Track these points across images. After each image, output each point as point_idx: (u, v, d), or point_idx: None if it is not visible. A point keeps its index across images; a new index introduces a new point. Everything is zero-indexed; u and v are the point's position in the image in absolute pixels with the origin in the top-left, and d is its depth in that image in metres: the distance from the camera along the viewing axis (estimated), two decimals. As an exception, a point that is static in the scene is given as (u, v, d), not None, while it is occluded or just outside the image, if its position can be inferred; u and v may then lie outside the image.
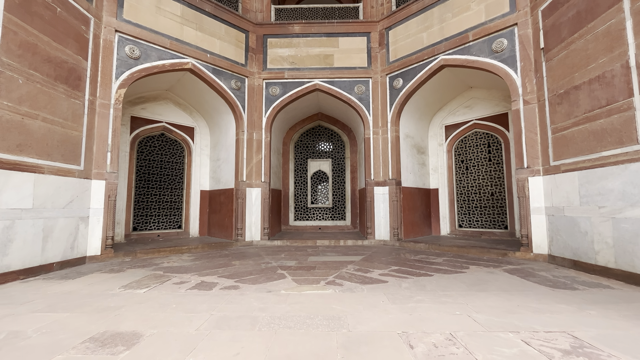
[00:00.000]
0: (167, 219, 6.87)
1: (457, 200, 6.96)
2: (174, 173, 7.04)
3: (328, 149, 8.62)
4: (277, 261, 4.45)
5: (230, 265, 4.14)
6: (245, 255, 5.05)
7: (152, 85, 6.25)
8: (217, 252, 5.39)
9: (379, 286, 3.05)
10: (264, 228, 6.39)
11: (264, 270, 3.82)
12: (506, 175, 6.22)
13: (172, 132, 6.96)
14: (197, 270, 3.82)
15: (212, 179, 7.21)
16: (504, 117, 6.27)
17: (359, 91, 6.64)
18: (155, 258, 4.76)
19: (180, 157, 7.17)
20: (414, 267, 3.98)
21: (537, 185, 4.39)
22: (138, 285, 3.12)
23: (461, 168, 6.96)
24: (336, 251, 5.33)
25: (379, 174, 6.44)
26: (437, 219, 7.10)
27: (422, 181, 7.02)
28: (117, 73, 4.89)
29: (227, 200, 6.53)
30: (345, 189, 8.41)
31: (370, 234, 6.32)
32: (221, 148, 6.97)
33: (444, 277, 3.40)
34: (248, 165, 6.46)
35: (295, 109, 7.44)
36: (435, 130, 7.28)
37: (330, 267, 3.98)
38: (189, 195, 7.13)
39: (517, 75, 4.73)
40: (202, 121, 7.37)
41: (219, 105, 6.58)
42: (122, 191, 6.15)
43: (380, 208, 6.35)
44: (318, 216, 8.39)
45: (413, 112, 6.67)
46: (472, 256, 4.75)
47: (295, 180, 8.50)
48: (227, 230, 6.42)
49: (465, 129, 6.84)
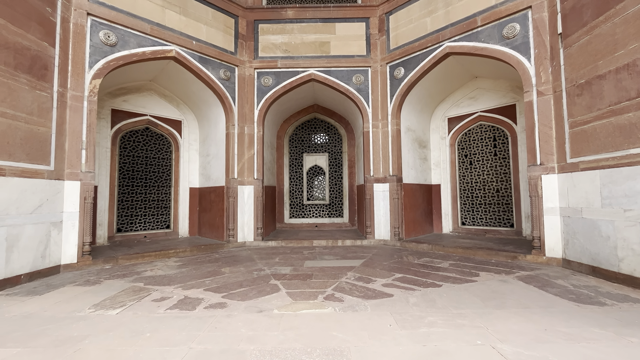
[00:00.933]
0: (155, 218, 6.48)
1: (460, 197, 6.65)
2: (160, 170, 6.61)
3: (324, 142, 8.21)
4: (271, 267, 4.11)
5: (219, 274, 3.78)
6: (236, 259, 4.70)
7: (134, 76, 5.76)
8: (207, 255, 5.03)
9: (384, 302, 2.72)
10: (257, 228, 6.03)
11: (255, 280, 3.47)
12: (513, 171, 5.89)
13: (158, 125, 6.49)
14: (181, 282, 3.46)
15: (202, 175, 6.79)
16: (512, 109, 5.91)
17: (357, 81, 6.21)
18: (138, 265, 4.38)
19: (167, 152, 6.72)
20: (419, 274, 3.66)
21: (551, 184, 4.06)
22: (112, 304, 2.75)
23: (465, 163, 6.62)
24: (334, 253, 5.01)
25: (378, 169, 6.07)
26: (439, 217, 6.79)
27: (424, 177, 6.68)
28: (90, 62, 4.40)
29: (218, 199, 6.14)
30: (342, 184, 8.06)
31: (370, 233, 5.99)
32: (211, 143, 6.53)
33: (454, 289, 3.08)
34: (239, 161, 6.05)
35: (290, 101, 7.00)
36: (437, 123, 6.91)
37: (328, 276, 3.65)
38: (177, 193, 6.72)
39: (531, 63, 4.34)
40: (190, 114, 6.90)
41: (207, 97, 6.12)
42: (104, 190, 5.72)
43: (380, 206, 6.01)
44: (314, 213, 8.05)
45: (415, 103, 6.27)
46: (480, 259, 4.46)
47: (291, 175, 8.11)
48: (218, 231, 6.05)
49: (469, 122, 6.48)
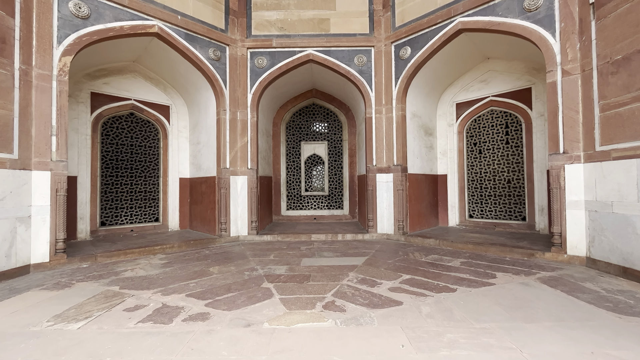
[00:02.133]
0: (142, 211, 6.07)
1: (467, 188, 6.25)
2: (147, 159, 6.16)
3: (323, 130, 7.75)
4: (265, 266, 3.73)
5: (207, 275, 3.40)
6: (228, 256, 4.32)
7: (114, 55, 5.24)
8: (196, 252, 4.64)
9: (392, 312, 2.34)
10: (252, 221, 5.64)
11: (246, 283, 3.09)
12: (526, 160, 5.48)
13: (144, 111, 6.01)
14: (163, 284, 3.08)
15: (193, 165, 6.36)
16: (527, 93, 5.44)
17: (359, 62, 5.71)
18: (119, 263, 4.00)
19: (155, 140, 6.26)
20: (429, 275, 3.29)
21: (575, 175, 3.65)
22: (76, 314, 2.37)
23: (473, 152, 6.19)
24: (334, 249, 4.63)
25: (382, 159, 5.64)
26: (444, 209, 6.41)
27: (430, 167, 6.26)
28: (59, 36, 3.90)
29: (209, 190, 5.72)
30: (342, 174, 7.64)
31: (372, 227, 5.61)
32: (201, 130, 6.07)
33: (471, 294, 2.70)
34: (232, 149, 5.61)
35: (286, 84, 6.50)
36: (444, 108, 6.44)
37: (328, 277, 3.27)
38: (166, 184, 6.29)
39: (555, 39, 3.86)
40: (178, 99, 6.41)
41: (196, 79, 5.62)
42: (85, 181, 5.28)
43: (383, 198, 5.61)
44: (313, 205, 7.65)
45: (422, 87, 5.79)
46: (493, 256, 4.09)
47: (287, 165, 7.68)
48: (210, 224, 5.66)
49: (479, 107, 6.01)
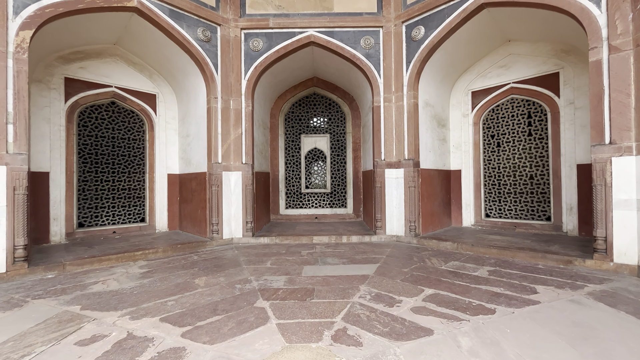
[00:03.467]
0: (126, 210, 5.50)
1: (484, 185, 5.70)
2: (132, 153, 5.58)
3: (325, 122, 7.17)
4: (260, 277, 3.18)
5: (190, 289, 2.85)
6: (218, 263, 3.77)
7: (90, 35, 4.64)
8: (183, 257, 4.09)
9: (422, 346, 1.80)
10: (247, 222, 5.08)
11: (237, 301, 2.55)
12: (552, 154, 4.92)
13: (127, 100, 5.42)
14: (135, 303, 2.53)
15: (182, 160, 5.78)
16: (553, 78, 4.87)
17: (366, 45, 5.12)
18: (91, 272, 3.44)
19: (140, 132, 5.68)
20: (456, 288, 2.75)
21: (625, 169, 3.11)
22: (12, 350, 1.82)
23: (491, 145, 5.63)
24: (339, 255, 4.09)
25: (391, 152, 5.08)
26: (458, 207, 5.87)
27: (443, 161, 5.71)
28: (16, 5, 3.31)
29: (199, 188, 5.16)
30: (346, 170, 7.08)
31: (380, 228, 5.07)
32: (191, 121, 5.49)
33: (515, 318, 2.16)
34: (224, 142, 5.03)
35: (284, 71, 5.91)
36: (458, 97, 5.87)
37: (335, 291, 2.73)
38: (153, 180, 5.72)
39: (601, 10, 3.29)
40: (166, 87, 5.81)
41: (184, 63, 5.03)
42: (58, 177, 4.71)
43: (392, 196, 5.06)
44: (314, 203, 7.10)
45: (435, 72, 5.22)
46: (523, 263, 3.55)
47: (287, 160, 7.11)
48: (201, 225, 5.10)
49: (498, 95, 5.44)
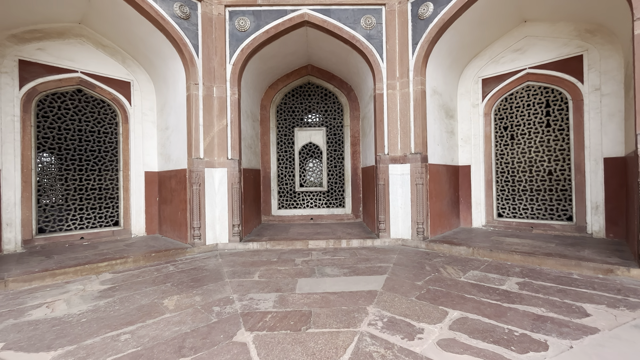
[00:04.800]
0: (96, 213, 4.86)
1: (496, 181, 5.20)
2: (103, 148, 4.94)
3: (321, 114, 6.58)
4: (245, 295, 2.61)
5: (156, 314, 2.27)
6: (197, 276, 3.18)
7: (47, 10, 3.98)
8: (157, 269, 3.49)
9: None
10: (233, 225, 4.49)
11: (211, 332, 1.97)
12: (575, 146, 4.43)
13: (96, 87, 4.77)
14: (78, 337, 1.94)
15: (161, 155, 5.16)
16: (576, 62, 4.37)
17: (367, 25, 4.55)
18: (39, 290, 2.83)
19: (112, 124, 5.03)
20: (486, 309, 2.21)
21: (682, 161, 2.60)
22: None
23: (504, 137, 5.12)
24: (339, 263, 3.53)
25: (395, 146, 4.54)
26: (467, 206, 5.35)
27: (451, 156, 5.18)
28: (-64, -39, 2.66)
29: (179, 187, 4.55)
30: (344, 166, 6.52)
31: (384, 230, 4.53)
32: (170, 111, 4.86)
33: (576, 356, 1.63)
34: (207, 134, 4.43)
35: (275, 56, 5.31)
36: (467, 85, 5.34)
37: (337, 316, 2.17)
38: (127, 179, 5.08)
39: (650, -28, 2.78)
40: (142, 74, 5.17)
41: (160, 45, 4.40)
42: (12, 176, 4.05)
43: (397, 194, 4.52)
44: (309, 203, 6.53)
45: (444, 56, 4.68)
46: (554, 272, 3.04)
47: (279, 156, 6.52)
48: (181, 229, 4.50)
49: (512, 83, 4.93)
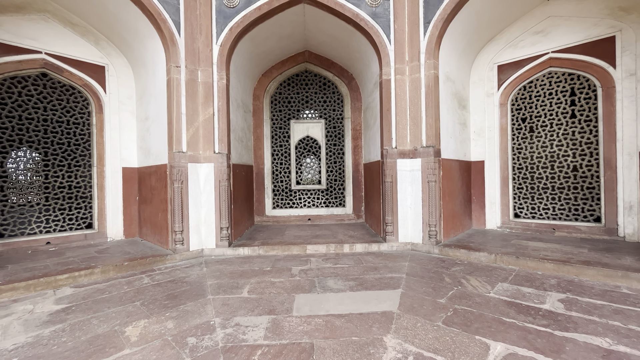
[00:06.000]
0: (66, 214, 4.30)
1: (513, 178, 4.73)
2: (73, 141, 4.36)
3: (319, 105, 6.04)
4: (230, 318, 2.10)
5: (111, 349, 1.74)
6: (174, 291, 2.66)
7: (0, -23, 3.40)
8: (128, 281, 2.96)
9: None
10: (221, 228, 3.96)
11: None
12: (604, 139, 3.97)
13: (64, 72, 4.19)
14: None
15: (141, 149, 4.60)
16: (607, 44, 3.89)
17: (372, 2, 4.03)
18: (-27, 313, 2.29)
19: (84, 114, 4.45)
20: (536, 340, 1.73)
21: None
22: None
23: (522, 130, 4.65)
24: (343, 273, 3.03)
25: (404, 138, 4.03)
26: (481, 206, 4.88)
27: (463, 150, 4.70)
28: None
29: (160, 184, 4.00)
30: (344, 162, 6.00)
31: (391, 233, 4.03)
32: (149, 99, 4.30)
33: None
34: (190, 125, 3.88)
35: (269, 38, 4.77)
36: (481, 73, 4.85)
37: (346, 351, 1.68)
38: (102, 175, 4.52)
39: None
40: (118, 57, 4.59)
41: (136, 21, 3.83)
42: (-40, 172, 3.49)
43: (406, 193, 4.02)
44: (307, 202, 6.01)
45: (458, 39, 4.18)
46: (598, 285, 2.58)
47: (273, 150, 5.98)
48: (162, 233, 3.96)
49: (532, 69, 4.45)
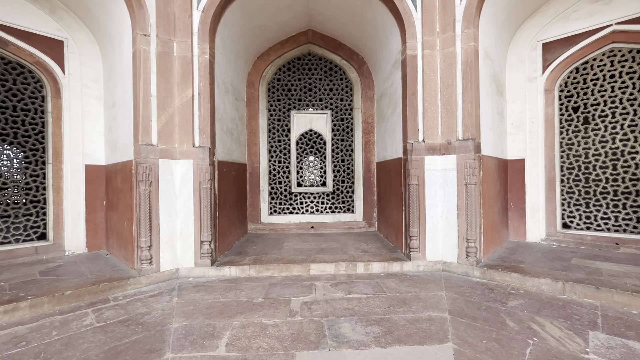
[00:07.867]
0: (11, 223, 3.46)
1: (561, 181, 3.89)
2: (21, 132, 3.54)
3: (325, 93, 5.19)
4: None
5: None
6: (119, 344, 1.83)
7: None
8: (64, 320, 2.12)
9: None
10: (202, 242, 3.12)
11: None
12: (688, 132, 3.14)
13: (9, 45, 3.36)
14: None
15: (109, 143, 3.77)
16: (693, 10, 3.07)
17: (394, -42, 3.20)
18: None
19: (35, 99, 3.62)
20: None
21: None
22: None
23: (573, 121, 3.82)
24: (361, 310, 2.20)
25: (434, 129, 3.20)
26: (520, 213, 4.04)
27: (500, 146, 3.87)
28: None
29: (125, 186, 3.17)
30: (353, 160, 5.16)
31: (417, 249, 3.19)
32: (117, 80, 3.47)
33: None
34: (162, 110, 3.04)
35: (266, 11, 3.94)
36: (521, 53, 4.02)
37: None
38: (60, 175, 3.68)
39: None
40: (81, 31, 3.76)
41: (94, -22, 3.01)
42: None
43: (436, 198, 3.18)
44: (309, 206, 5.17)
45: (501, 6, 3.34)
46: None
47: (271, 146, 5.14)
48: (127, 247, 3.13)
49: (589, 46, 3.61)
